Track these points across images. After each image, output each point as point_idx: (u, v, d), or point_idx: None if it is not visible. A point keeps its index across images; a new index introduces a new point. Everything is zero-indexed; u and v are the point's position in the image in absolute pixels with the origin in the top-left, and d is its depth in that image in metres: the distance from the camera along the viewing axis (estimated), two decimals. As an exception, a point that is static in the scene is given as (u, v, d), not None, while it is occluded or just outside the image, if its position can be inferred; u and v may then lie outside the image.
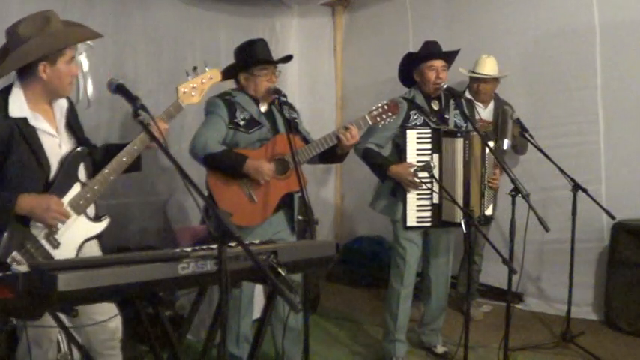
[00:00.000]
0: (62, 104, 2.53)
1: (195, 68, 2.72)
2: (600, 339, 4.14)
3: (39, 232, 2.34)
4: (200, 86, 2.71)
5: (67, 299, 1.69)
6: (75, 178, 2.43)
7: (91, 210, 2.50)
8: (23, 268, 1.80)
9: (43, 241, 2.34)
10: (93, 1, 4.02)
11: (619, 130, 4.40)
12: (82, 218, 2.44)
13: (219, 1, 4.98)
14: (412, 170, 3.47)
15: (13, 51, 2.35)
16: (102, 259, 2.16)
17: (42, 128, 2.40)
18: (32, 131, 2.37)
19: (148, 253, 2.11)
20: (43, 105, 2.45)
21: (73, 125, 2.57)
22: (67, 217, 2.35)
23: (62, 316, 2.00)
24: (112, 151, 2.50)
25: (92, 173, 2.50)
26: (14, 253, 2.28)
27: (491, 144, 3.56)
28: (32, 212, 2.29)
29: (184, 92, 2.65)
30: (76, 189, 2.42)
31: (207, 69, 2.73)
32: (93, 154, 2.59)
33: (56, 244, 2.36)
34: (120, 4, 4.25)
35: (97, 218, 2.51)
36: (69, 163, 2.43)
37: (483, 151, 3.50)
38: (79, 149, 2.49)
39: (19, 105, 2.37)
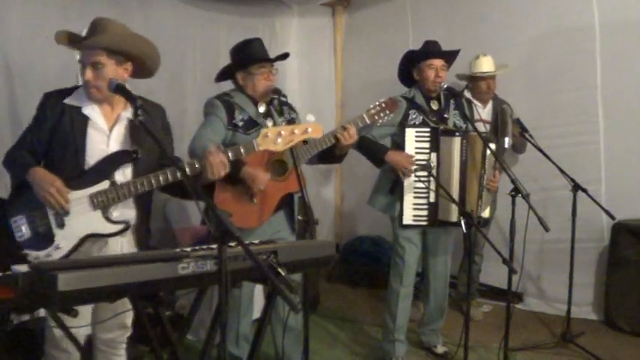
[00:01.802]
0: (130, 111, 2.56)
1: None
2: (600, 339, 4.14)
3: (50, 207, 2.40)
4: (289, 136, 2.55)
5: (67, 299, 1.69)
6: (107, 176, 2.46)
7: (121, 211, 2.51)
8: (23, 268, 1.80)
9: (51, 217, 2.40)
10: (93, 2, 4.03)
11: (619, 130, 4.40)
12: (97, 214, 2.45)
13: (219, 1, 4.98)
14: (411, 160, 3.47)
15: None
16: (102, 259, 2.16)
17: (93, 119, 2.50)
18: (83, 120, 2.49)
19: (148, 253, 2.11)
20: (107, 104, 2.55)
21: (142, 136, 2.54)
22: (61, 203, 2.36)
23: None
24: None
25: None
26: (20, 216, 2.39)
27: (492, 146, 3.55)
28: (34, 184, 2.38)
29: (266, 136, 2.55)
30: (103, 185, 2.45)
31: (308, 119, 2.60)
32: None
33: (61, 225, 2.41)
34: (120, 4, 4.26)
35: (117, 221, 2.49)
36: (107, 161, 2.48)
37: (484, 152, 3.50)
38: (125, 151, 2.52)
39: (79, 96, 2.53)
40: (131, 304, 2.06)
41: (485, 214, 3.67)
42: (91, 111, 2.51)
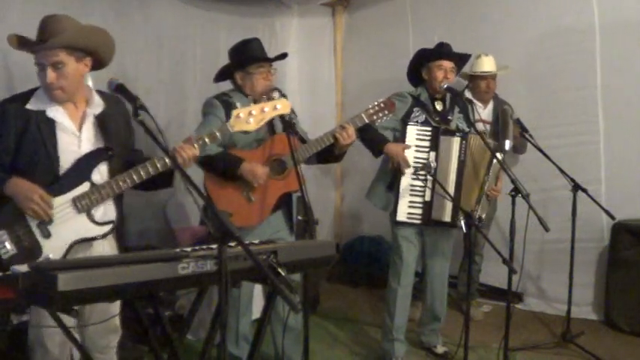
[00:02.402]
0: (97, 105, 2.53)
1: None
2: (600, 339, 4.14)
3: (32, 218, 2.33)
4: (260, 115, 2.55)
5: (67, 299, 1.69)
6: (85, 177, 2.42)
7: (103, 212, 2.47)
8: (23, 268, 1.80)
9: (34, 228, 2.34)
10: (93, 1, 4.03)
11: (619, 129, 4.40)
12: (82, 217, 2.41)
13: (219, 1, 4.98)
14: (407, 154, 3.48)
15: None
16: (102, 259, 2.16)
17: (61, 122, 2.44)
18: (50, 124, 2.42)
19: (148, 253, 2.11)
20: (71, 103, 2.48)
21: (111, 130, 2.53)
22: (47, 212, 2.32)
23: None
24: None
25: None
26: (1, 232, 2.30)
27: (499, 155, 3.55)
28: (15, 196, 2.31)
29: (238, 117, 2.54)
30: (84, 188, 2.41)
31: (276, 97, 2.62)
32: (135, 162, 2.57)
33: (47, 234, 2.35)
34: (120, 4, 4.25)
35: (102, 222, 2.47)
36: (83, 162, 2.44)
37: (491, 159, 3.49)
38: (98, 150, 2.49)
39: (41, 99, 2.44)
40: (131, 304, 2.06)
41: (483, 214, 3.66)
42: (56, 113, 2.43)
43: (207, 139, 2.55)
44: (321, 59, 5.98)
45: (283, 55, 3.43)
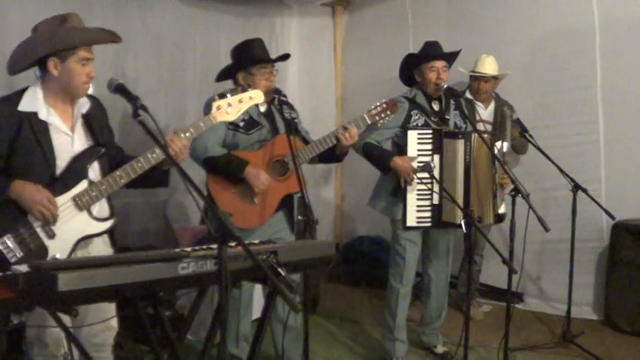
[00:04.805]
0: (83, 104, 2.54)
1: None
2: (600, 339, 4.14)
3: (35, 219, 2.34)
4: (237, 105, 2.64)
5: (67, 299, 1.70)
6: (83, 176, 2.44)
7: (99, 209, 2.49)
8: (23, 268, 1.80)
9: (38, 230, 2.34)
10: (93, 2, 4.02)
11: (619, 130, 4.40)
12: (84, 215, 2.43)
13: (219, 1, 4.98)
14: (414, 165, 3.47)
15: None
16: (102, 259, 2.16)
17: (54, 124, 2.44)
18: (43, 126, 2.42)
19: (148, 253, 2.11)
20: (62, 103, 2.48)
21: (96, 128, 2.57)
22: (54, 213, 2.33)
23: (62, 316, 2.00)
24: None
25: (107, 174, 2.50)
26: (7, 236, 2.30)
27: (498, 144, 3.54)
28: (20, 198, 2.31)
29: (218, 108, 2.61)
30: (82, 186, 2.42)
31: (249, 89, 2.71)
32: (119, 159, 2.60)
33: (51, 235, 2.36)
34: (120, 4, 4.25)
35: (102, 218, 2.49)
36: (79, 161, 2.45)
37: (492, 152, 3.48)
38: (92, 148, 2.51)
39: (32, 100, 2.43)
40: (131, 304, 2.06)
41: (501, 209, 3.66)
42: (49, 115, 2.43)
43: (192, 130, 2.56)
44: (321, 59, 5.98)
45: (286, 56, 3.43)
